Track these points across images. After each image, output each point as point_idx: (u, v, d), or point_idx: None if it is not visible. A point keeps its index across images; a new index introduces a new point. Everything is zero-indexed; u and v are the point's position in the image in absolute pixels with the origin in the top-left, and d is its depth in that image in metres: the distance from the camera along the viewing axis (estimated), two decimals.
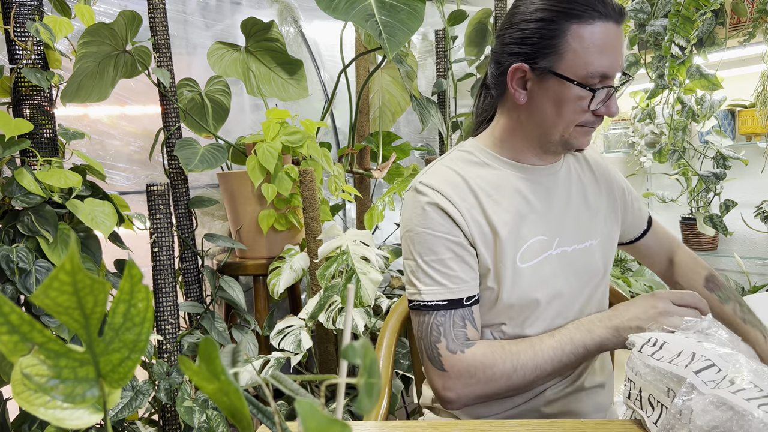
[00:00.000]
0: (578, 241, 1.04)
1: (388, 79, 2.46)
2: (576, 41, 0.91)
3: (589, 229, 1.06)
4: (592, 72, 0.91)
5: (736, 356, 0.69)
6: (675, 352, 0.72)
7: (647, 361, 0.74)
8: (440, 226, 0.97)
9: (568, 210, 1.05)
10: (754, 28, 2.04)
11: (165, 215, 1.73)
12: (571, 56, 0.92)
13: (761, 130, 2.21)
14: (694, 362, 0.69)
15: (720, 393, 0.63)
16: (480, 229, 0.98)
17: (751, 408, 0.59)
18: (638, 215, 1.21)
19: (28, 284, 1.39)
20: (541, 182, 1.04)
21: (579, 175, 1.10)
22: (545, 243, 1.01)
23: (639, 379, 0.75)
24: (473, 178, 1.01)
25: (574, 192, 1.07)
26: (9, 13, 1.50)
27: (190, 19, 2.34)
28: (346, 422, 0.29)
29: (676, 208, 2.71)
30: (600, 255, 1.07)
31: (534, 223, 1.01)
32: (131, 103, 2.14)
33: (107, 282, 0.31)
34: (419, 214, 0.99)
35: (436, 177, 1.01)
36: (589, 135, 1.00)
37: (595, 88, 0.92)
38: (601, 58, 0.91)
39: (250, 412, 0.39)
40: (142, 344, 0.34)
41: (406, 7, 1.63)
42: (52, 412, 0.33)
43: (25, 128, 1.43)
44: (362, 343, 0.31)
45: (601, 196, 1.11)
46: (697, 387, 0.66)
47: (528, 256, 0.99)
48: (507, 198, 1.01)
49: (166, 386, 1.63)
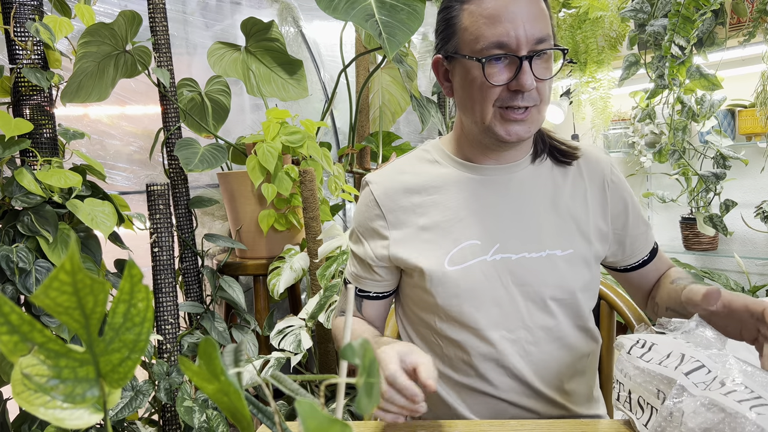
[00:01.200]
0: (531, 249, 0.96)
1: (388, 79, 2.46)
2: (467, 18, 0.90)
3: (553, 237, 0.97)
4: (485, 44, 0.88)
5: (726, 357, 0.69)
6: (664, 353, 0.72)
7: (636, 362, 0.74)
8: (361, 225, 1.05)
9: (521, 215, 0.97)
10: (754, 28, 2.04)
11: (165, 215, 1.73)
12: (465, 33, 0.90)
13: (761, 130, 2.21)
14: (683, 364, 0.69)
15: (711, 395, 0.63)
16: (406, 229, 0.99)
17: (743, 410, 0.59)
18: (641, 242, 1.07)
19: (28, 284, 1.39)
20: (490, 183, 0.99)
21: (554, 180, 1.01)
22: (478, 248, 0.96)
23: (628, 381, 0.75)
24: (417, 175, 1.01)
25: (538, 196, 0.99)
26: (9, 13, 1.50)
27: (190, 19, 2.34)
28: (346, 422, 0.29)
29: (676, 208, 2.71)
30: (569, 268, 0.97)
31: (470, 226, 0.97)
32: (131, 103, 2.14)
33: (107, 282, 0.31)
34: (358, 207, 1.07)
35: (381, 175, 1.04)
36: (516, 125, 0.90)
37: (483, 58, 0.88)
38: (492, 28, 0.87)
39: (250, 412, 0.39)
40: (142, 344, 0.34)
41: (406, 7, 1.63)
42: (52, 412, 0.33)
43: (25, 128, 1.43)
44: (362, 343, 0.31)
45: (585, 207, 1.00)
46: (687, 389, 0.66)
47: (458, 259, 0.95)
48: (447, 198, 0.99)
49: (166, 386, 1.63)
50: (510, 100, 0.89)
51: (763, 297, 2.25)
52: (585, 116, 2.69)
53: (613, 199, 1.03)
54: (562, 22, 2.56)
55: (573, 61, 2.60)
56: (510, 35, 0.87)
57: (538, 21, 0.88)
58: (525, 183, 0.99)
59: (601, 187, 1.02)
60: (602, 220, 1.02)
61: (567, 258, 0.97)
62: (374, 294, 1.06)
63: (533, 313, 0.96)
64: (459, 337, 0.97)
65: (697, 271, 2.49)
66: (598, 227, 1.01)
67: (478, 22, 0.88)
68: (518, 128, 0.91)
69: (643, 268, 1.09)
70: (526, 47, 0.87)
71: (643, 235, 1.07)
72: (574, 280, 0.98)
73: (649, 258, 1.08)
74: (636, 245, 1.07)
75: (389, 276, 1.05)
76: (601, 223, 1.01)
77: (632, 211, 1.05)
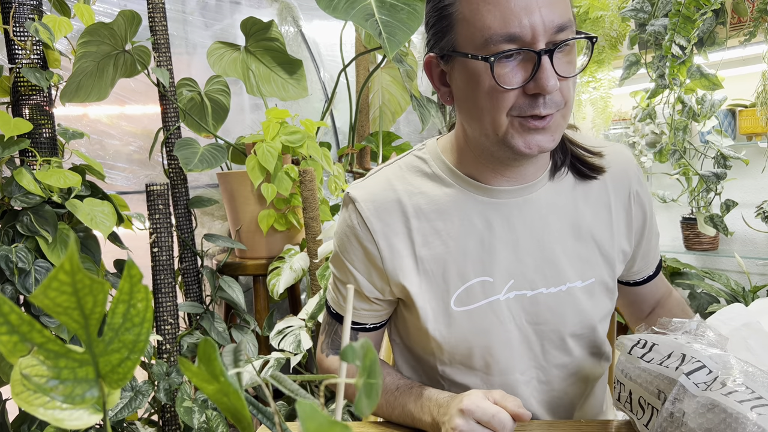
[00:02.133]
0: (549, 284, 0.84)
1: (388, 79, 2.45)
2: (466, 6, 0.72)
3: (574, 268, 0.85)
4: (492, 38, 0.70)
5: (726, 357, 0.68)
6: (665, 353, 0.72)
7: (637, 363, 0.73)
8: (348, 252, 0.87)
9: (539, 244, 0.84)
10: (755, 28, 2.04)
11: (164, 215, 1.72)
12: (465, 27, 0.72)
13: (762, 130, 2.21)
14: (684, 364, 0.68)
15: (712, 395, 0.63)
16: (402, 261, 0.83)
17: (745, 410, 0.59)
18: (651, 257, 0.97)
19: (28, 284, 1.39)
20: (502, 207, 0.83)
21: (575, 199, 0.86)
22: (489, 285, 0.83)
23: (629, 382, 0.74)
24: (413, 195, 0.84)
25: (558, 221, 0.85)
26: (8, 13, 1.49)
27: (190, 18, 2.34)
28: (346, 423, 0.29)
29: (676, 208, 2.71)
30: (590, 300, 0.86)
31: (480, 260, 0.83)
32: (131, 102, 2.14)
33: (107, 282, 0.31)
34: (340, 228, 0.88)
35: (367, 189, 0.86)
36: (537, 134, 0.74)
37: (492, 57, 0.70)
38: (499, 16, 0.69)
39: (250, 412, 0.39)
40: (142, 344, 0.34)
41: (406, 6, 1.63)
42: (51, 412, 0.33)
43: (25, 128, 1.43)
44: (362, 343, 0.31)
45: (609, 228, 0.88)
46: (688, 389, 0.65)
47: (466, 299, 0.83)
48: (451, 226, 0.83)
49: (166, 387, 1.63)
50: (529, 108, 0.72)
51: (764, 297, 2.25)
52: (585, 116, 2.69)
53: (636, 213, 0.90)
54: None
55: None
56: (523, 24, 0.69)
57: (556, 3, 0.70)
58: (543, 206, 0.84)
59: (627, 201, 0.89)
60: (626, 241, 0.90)
61: (588, 289, 0.86)
62: (371, 325, 0.91)
63: (548, 351, 0.87)
64: (466, 380, 0.88)
65: (698, 271, 2.49)
66: (622, 249, 0.89)
67: (481, 11, 0.70)
68: (540, 138, 0.74)
69: (644, 285, 0.99)
70: (544, 38, 0.70)
71: (654, 250, 0.96)
72: (594, 312, 0.87)
73: (654, 274, 0.98)
74: (646, 259, 0.96)
75: (387, 305, 0.90)
76: (625, 244, 0.90)
77: (650, 224, 0.93)
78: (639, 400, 0.73)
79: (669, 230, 2.83)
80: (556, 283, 0.84)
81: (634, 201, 0.90)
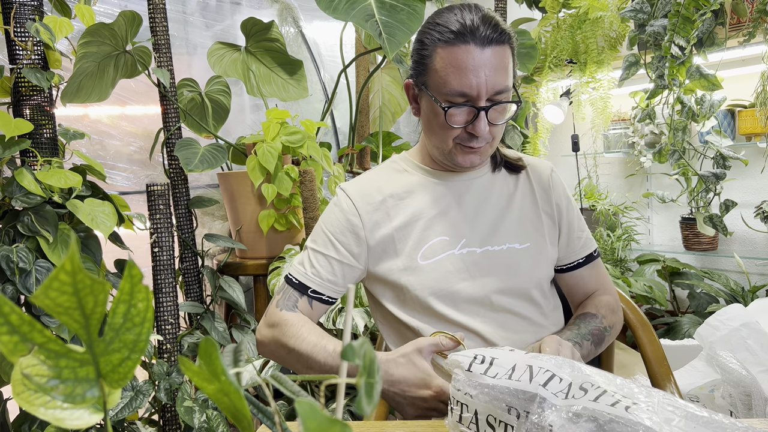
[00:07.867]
0: (492, 242, 1.09)
1: (388, 79, 2.46)
2: (439, 62, 0.99)
3: (512, 233, 1.10)
4: (449, 91, 0.98)
5: (569, 362, 0.67)
6: (508, 367, 0.69)
7: (481, 380, 0.70)
8: (333, 226, 1.10)
9: (482, 214, 1.11)
10: (754, 29, 2.04)
11: (165, 215, 1.73)
12: (434, 75, 1.00)
13: (761, 131, 2.21)
14: (536, 375, 0.66)
15: (579, 403, 0.61)
16: (380, 230, 1.08)
17: (619, 412, 0.58)
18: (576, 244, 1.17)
19: (28, 284, 1.39)
20: (453, 187, 1.11)
21: (508, 186, 1.14)
22: (447, 243, 1.08)
23: (472, 401, 0.70)
24: (388, 183, 1.12)
25: (495, 198, 1.12)
26: (9, 13, 1.50)
27: (190, 19, 2.34)
28: (346, 422, 0.29)
29: (676, 209, 2.71)
30: (527, 260, 1.10)
31: (438, 224, 1.08)
32: (131, 103, 2.14)
33: (107, 282, 0.31)
34: (327, 211, 1.13)
35: (355, 184, 1.13)
36: (472, 155, 1.04)
37: (446, 106, 0.99)
38: (457, 78, 0.97)
39: (251, 412, 0.39)
40: (142, 344, 0.34)
41: (406, 7, 1.63)
42: (52, 412, 0.34)
43: (25, 128, 1.43)
44: (362, 343, 0.31)
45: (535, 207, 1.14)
46: (548, 399, 0.63)
47: (429, 253, 1.07)
48: (416, 200, 1.10)
49: (166, 386, 1.63)
50: (467, 141, 1.02)
51: (763, 297, 2.25)
52: (585, 116, 2.70)
53: (556, 195, 1.16)
54: (562, 22, 2.56)
55: (573, 61, 2.59)
56: (472, 87, 0.97)
57: (500, 74, 0.98)
58: (484, 187, 1.13)
59: (546, 187, 1.16)
60: (550, 219, 1.15)
61: (526, 252, 1.10)
62: (327, 297, 1.10)
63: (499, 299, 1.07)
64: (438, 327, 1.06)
65: (697, 271, 2.49)
66: (548, 225, 1.14)
67: (447, 69, 0.98)
68: (473, 158, 1.05)
69: (575, 271, 1.18)
70: (485, 97, 0.98)
71: (576, 241, 1.17)
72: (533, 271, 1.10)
73: (584, 261, 1.17)
74: (572, 246, 1.16)
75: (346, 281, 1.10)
76: (549, 221, 1.14)
77: (568, 215, 1.17)
78: (487, 419, 0.68)
79: (668, 230, 2.83)
80: (499, 243, 1.09)
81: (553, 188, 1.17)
